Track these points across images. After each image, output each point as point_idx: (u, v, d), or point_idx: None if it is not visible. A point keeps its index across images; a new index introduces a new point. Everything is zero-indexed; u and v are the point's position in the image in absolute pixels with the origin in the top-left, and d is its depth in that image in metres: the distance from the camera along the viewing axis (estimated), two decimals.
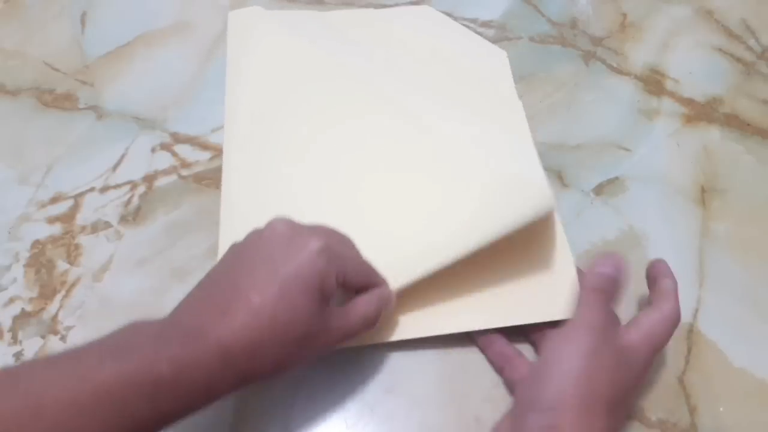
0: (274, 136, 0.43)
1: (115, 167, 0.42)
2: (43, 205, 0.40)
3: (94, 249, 0.39)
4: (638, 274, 0.38)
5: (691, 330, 0.37)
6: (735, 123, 0.45)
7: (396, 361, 0.35)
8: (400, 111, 0.44)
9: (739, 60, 0.48)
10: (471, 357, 0.35)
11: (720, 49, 0.49)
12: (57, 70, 0.46)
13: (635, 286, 0.38)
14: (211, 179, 0.41)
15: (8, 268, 0.38)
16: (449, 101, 0.44)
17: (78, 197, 0.41)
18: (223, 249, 0.37)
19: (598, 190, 0.42)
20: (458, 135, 0.42)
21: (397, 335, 0.35)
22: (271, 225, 0.29)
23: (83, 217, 0.40)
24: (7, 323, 0.36)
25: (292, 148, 0.42)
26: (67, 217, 0.40)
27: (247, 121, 0.43)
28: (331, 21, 0.48)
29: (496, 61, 0.47)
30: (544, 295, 0.36)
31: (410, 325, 0.35)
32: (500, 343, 0.35)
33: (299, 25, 0.48)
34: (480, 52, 0.47)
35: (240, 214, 0.39)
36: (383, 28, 0.48)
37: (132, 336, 0.25)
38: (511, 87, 0.45)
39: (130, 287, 0.37)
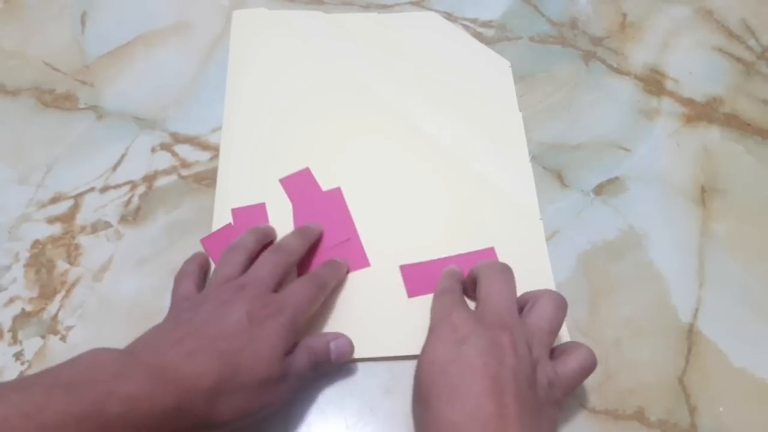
0: (273, 137, 0.43)
1: (115, 167, 0.42)
2: (43, 205, 0.40)
3: (94, 249, 0.39)
4: (638, 274, 0.39)
5: (691, 330, 0.37)
6: (735, 123, 0.45)
7: (396, 361, 0.35)
8: (401, 117, 0.44)
9: (739, 60, 0.48)
10: None
11: (720, 49, 0.49)
12: (57, 70, 0.46)
13: (631, 290, 0.38)
14: (211, 179, 0.41)
15: (8, 268, 0.38)
16: (450, 110, 0.45)
17: (78, 197, 0.41)
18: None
19: (598, 190, 0.42)
20: (457, 145, 0.43)
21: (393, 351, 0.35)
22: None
23: (83, 217, 0.40)
24: (7, 323, 0.36)
25: (291, 150, 0.42)
26: (67, 217, 0.40)
27: (247, 122, 0.43)
28: (336, 23, 0.48)
29: (498, 70, 0.47)
30: None
31: (413, 342, 0.35)
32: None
33: (303, 28, 0.48)
34: (483, 60, 0.47)
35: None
36: (388, 33, 0.48)
37: (89, 369, 0.24)
38: (512, 96, 0.46)
39: (130, 287, 0.37)
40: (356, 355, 0.35)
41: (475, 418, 0.25)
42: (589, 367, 0.30)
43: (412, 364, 0.35)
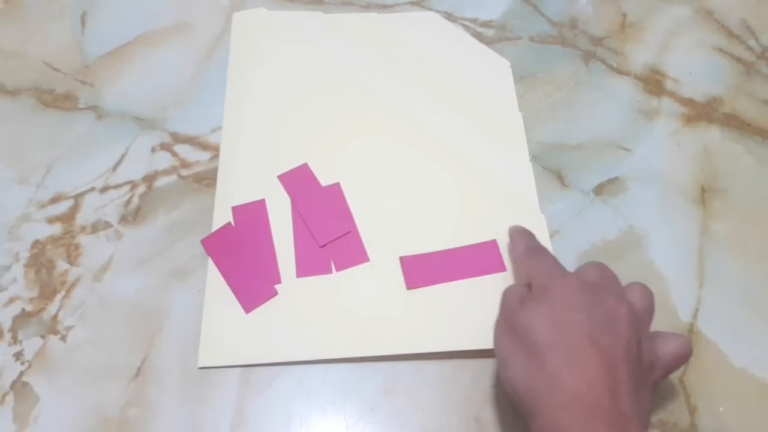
0: (273, 137, 0.43)
1: (115, 167, 0.42)
2: (43, 205, 0.40)
3: (94, 249, 0.39)
4: (638, 274, 0.39)
5: (691, 330, 0.37)
6: (735, 123, 0.45)
7: (396, 361, 0.35)
8: (400, 117, 0.44)
9: (739, 60, 0.48)
10: (471, 357, 0.35)
11: (720, 49, 0.49)
12: (57, 70, 0.46)
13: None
14: (211, 179, 0.41)
15: (8, 268, 0.38)
16: (450, 109, 0.45)
17: (78, 197, 0.41)
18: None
19: (598, 190, 0.42)
20: (456, 144, 0.43)
21: (397, 350, 0.35)
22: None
23: (83, 217, 0.40)
24: (7, 323, 0.36)
25: (291, 149, 0.42)
26: (67, 217, 0.40)
27: (247, 122, 0.44)
28: (336, 24, 0.49)
29: (498, 70, 0.47)
30: None
31: (412, 339, 0.36)
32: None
33: (303, 28, 0.48)
34: (483, 60, 0.47)
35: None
36: (388, 33, 0.48)
37: None
38: (512, 96, 0.46)
39: (130, 287, 0.37)
40: (356, 354, 0.35)
41: (593, 388, 0.26)
42: (687, 354, 0.31)
43: (412, 363, 0.35)
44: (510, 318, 0.30)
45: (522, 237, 0.36)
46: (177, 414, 0.34)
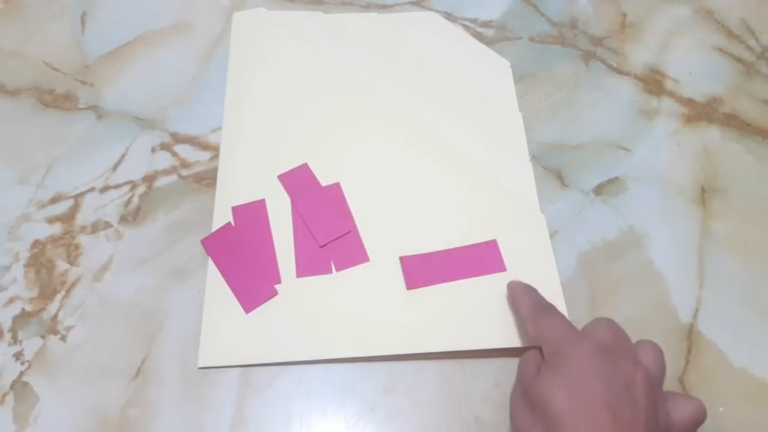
0: (273, 137, 0.43)
1: (115, 167, 0.42)
2: (43, 205, 0.40)
3: (94, 249, 0.39)
4: (638, 274, 0.39)
5: (691, 330, 0.37)
6: (735, 123, 0.45)
7: (396, 361, 0.35)
8: (400, 117, 0.44)
9: (739, 60, 0.48)
10: (471, 357, 0.35)
11: (720, 49, 0.49)
12: (57, 70, 0.46)
13: (631, 290, 0.38)
14: (211, 179, 0.41)
15: (8, 268, 0.38)
16: (450, 109, 0.45)
17: (78, 197, 0.41)
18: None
19: (598, 190, 0.42)
20: (456, 144, 0.43)
21: (396, 349, 0.35)
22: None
23: (83, 217, 0.40)
24: (7, 323, 0.36)
25: (291, 149, 0.43)
26: (67, 217, 0.40)
27: (247, 122, 0.44)
28: (336, 24, 0.49)
29: (498, 70, 0.47)
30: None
31: (412, 339, 0.36)
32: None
33: (303, 28, 0.48)
34: (483, 60, 0.47)
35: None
36: (388, 33, 0.48)
37: None
38: (512, 96, 0.45)
39: (130, 287, 0.37)
40: (356, 354, 0.35)
41: None
42: (702, 418, 0.30)
43: (412, 363, 0.35)
44: (526, 388, 0.29)
45: (526, 294, 0.35)
46: (177, 414, 0.34)
